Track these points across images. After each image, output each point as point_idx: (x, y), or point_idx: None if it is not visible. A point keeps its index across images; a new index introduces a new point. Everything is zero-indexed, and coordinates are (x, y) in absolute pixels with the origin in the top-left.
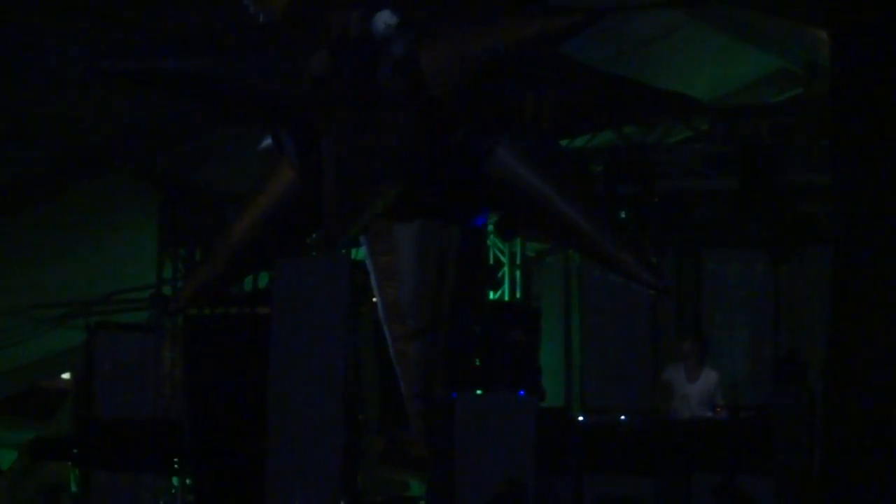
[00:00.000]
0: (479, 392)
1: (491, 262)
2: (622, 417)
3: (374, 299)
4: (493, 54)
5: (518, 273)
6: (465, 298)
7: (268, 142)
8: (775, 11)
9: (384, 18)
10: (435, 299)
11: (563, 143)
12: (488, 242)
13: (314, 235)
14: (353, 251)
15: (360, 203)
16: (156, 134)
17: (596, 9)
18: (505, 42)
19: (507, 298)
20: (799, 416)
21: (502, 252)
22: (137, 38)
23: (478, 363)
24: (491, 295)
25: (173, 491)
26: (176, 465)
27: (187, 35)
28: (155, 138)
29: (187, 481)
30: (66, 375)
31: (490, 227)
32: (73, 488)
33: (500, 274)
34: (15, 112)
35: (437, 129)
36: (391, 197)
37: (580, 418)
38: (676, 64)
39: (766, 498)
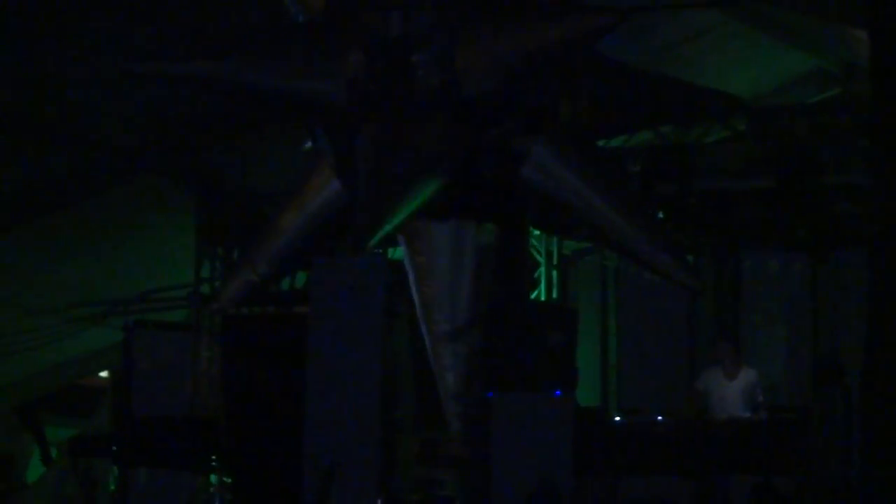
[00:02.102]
0: (515, 392)
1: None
2: (658, 418)
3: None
4: (527, 54)
5: (555, 273)
6: (504, 298)
7: (310, 143)
8: (812, 10)
9: None
10: (472, 299)
11: (601, 143)
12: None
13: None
14: (391, 250)
15: (393, 202)
16: (195, 134)
17: (627, 8)
18: (538, 42)
19: (543, 298)
20: (837, 417)
21: (539, 252)
22: (174, 38)
23: (514, 363)
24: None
25: (211, 489)
26: (213, 463)
27: (224, 35)
28: (194, 138)
29: (225, 479)
30: (104, 374)
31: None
32: (112, 486)
33: (536, 274)
34: (55, 111)
35: (472, 129)
36: (427, 196)
37: (616, 419)
38: (713, 63)
39: (802, 500)
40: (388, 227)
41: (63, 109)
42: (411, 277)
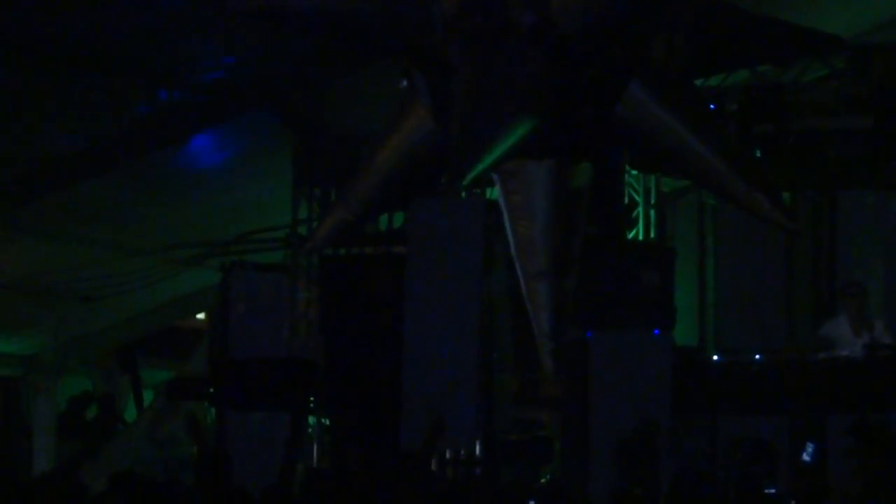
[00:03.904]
0: (613, 332)
1: (626, 201)
2: (756, 357)
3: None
4: None
5: (652, 212)
6: (600, 237)
7: (405, 82)
8: None
9: None
10: (567, 238)
11: (698, 81)
12: (624, 181)
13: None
14: (488, 191)
15: (488, 141)
16: (293, 75)
17: None
18: None
19: (641, 238)
20: None
21: (637, 191)
22: None
23: (612, 303)
24: (626, 235)
25: (309, 430)
26: (311, 405)
27: None
28: (292, 79)
29: (323, 420)
30: (201, 315)
31: (626, 165)
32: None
33: (634, 213)
34: (153, 54)
35: (569, 67)
36: (522, 136)
37: (714, 358)
38: (811, 1)
39: None
40: (483, 167)
41: (161, 50)
42: (506, 217)
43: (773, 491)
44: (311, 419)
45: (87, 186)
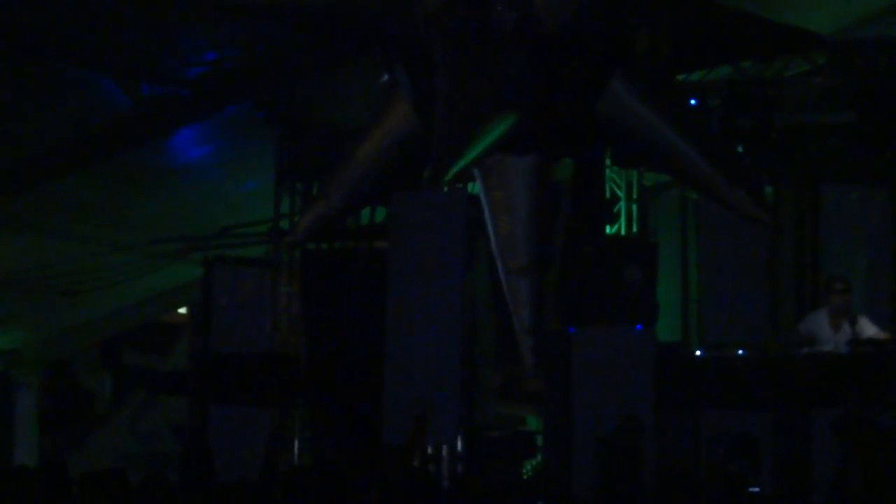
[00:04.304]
0: (595, 327)
1: (608, 196)
2: (740, 352)
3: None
4: None
5: (634, 207)
6: (581, 232)
7: (387, 76)
8: None
9: None
10: (547, 234)
11: (680, 77)
12: (604, 177)
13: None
14: (470, 185)
15: (471, 137)
16: (276, 69)
17: None
18: None
19: (623, 232)
20: None
21: (619, 186)
22: None
23: (594, 298)
24: (608, 229)
25: (290, 425)
26: (293, 399)
27: None
28: (275, 74)
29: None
30: (183, 310)
31: (607, 160)
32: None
33: (616, 208)
34: (137, 48)
35: (550, 64)
36: (504, 132)
37: (697, 353)
38: None
39: (886, 432)
40: (465, 162)
41: (145, 44)
42: (487, 212)
43: (756, 489)
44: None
45: (69, 181)
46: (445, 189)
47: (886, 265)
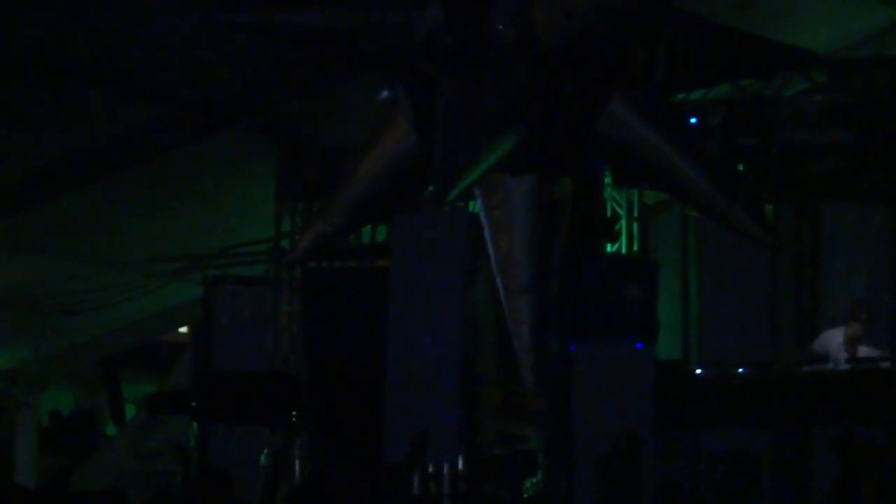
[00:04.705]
0: (596, 345)
1: (608, 214)
2: (740, 370)
3: None
4: (606, 8)
5: (635, 225)
6: (581, 251)
7: (385, 93)
8: None
9: None
10: (548, 252)
11: (680, 95)
12: (605, 195)
13: (431, 189)
14: (471, 204)
15: (473, 156)
16: (276, 88)
17: None
18: None
19: (624, 251)
20: None
21: (619, 204)
22: None
23: (594, 317)
24: (609, 248)
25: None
26: (294, 419)
27: None
28: (276, 92)
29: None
30: (184, 329)
31: (608, 180)
32: (192, 442)
33: (617, 227)
34: (133, 67)
35: (550, 82)
36: (505, 150)
37: (698, 371)
38: (794, 15)
39: (884, 451)
40: (468, 181)
41: (144, 62)
42: (487, 231)
43: None
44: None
45: (68, 200)
46: (447, 208)
47: (886, 283)
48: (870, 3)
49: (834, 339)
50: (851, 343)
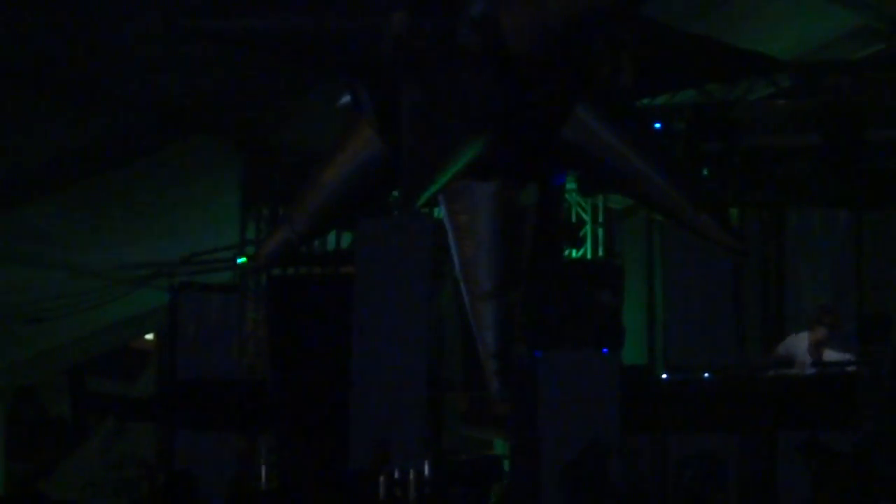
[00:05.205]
0: (561, 351)
1: (573, 219)
2: (706, 375)
3: None
4: (574, 14)
5: (600, 231)
6: (543, 257)
7: (347, 98)
8: None
9: None
10: (512, 258)
11: (645, 101)
12: (570, 200)
13: (395, 194)
14: (436, 210)
15: (439, 161)
16: (240, 95)
17: None
18: (586, 2)
19: (589, 256)
20: (884, 373)
21: (584, 209)
22: None
23: (560, 322)
24: (574, 253)
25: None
26: (259, 425)
27: None
28: (239, 99)
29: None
30: (150, 336)
31: (572, 185)
32: (158, 449)
33: (582, 232)
34: (98, 74)
35: (516, 88)
36: (472, 155)
37: (663, 376)
38: (758, 20)
39: (857, 457)
40: (435, 187)
41: (107, 69)
42: (451, 237)
43: None
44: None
45: (34, 207)
46: (412, 214)
47: (851, 287)
48: (834, 7)
49: (799, 344)
50: (817, 347)
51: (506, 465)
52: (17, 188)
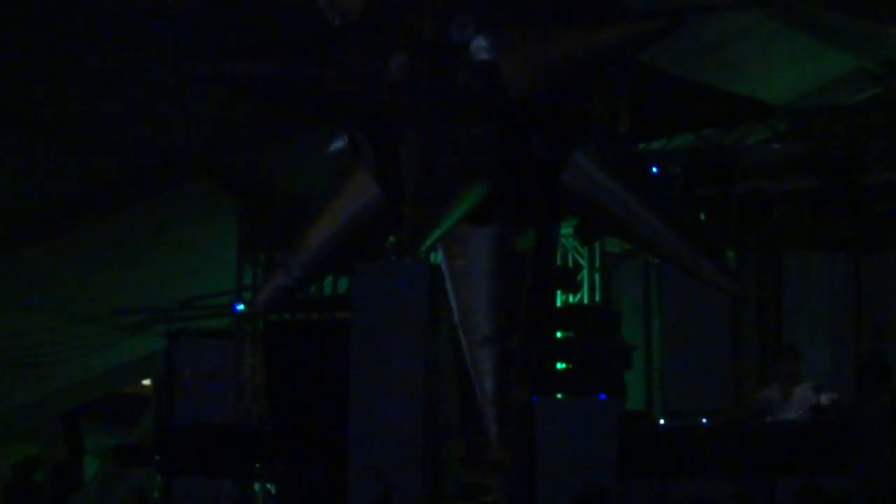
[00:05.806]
0: (559, 396)
1: (570, 264)
2: (703, 420)
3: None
4: (575, 60)
5: (597, 276)
6: (539, 302)
7: (338, 144)
8: (853, 10)
9: None
10: (510, 303)
11: (641, 145)
12: (567, 245)
13: (392, 239)
14: (432, 255)
15: (441, 207)
16: (237, 141)
17: (678, 10)
18: (585, 48)
19: (586, 301)
20: (883, 419)
21: (581, 254)
22: (217, 42)
23: (559, 367)
24: (570, 299)
25: (255, 497)
26: (257, 471)
27: (265, 38)
28: (236, 145)
29: (268, 487)
30: (147, 382)
31: (569, 230)
32: (156, 494)
33: (578, 277)
34: (96, 118)
35: (516, 133)
36: (474, 201)
37: (661, 422)
38: (754, 64)
39: (849, 501)
40: (438, 233)
41: (105, 115)
42: (449, 282)
43: None
44: (257, 486)
45: (31, 252)
46: (408, 259)
47: (849, 332)
48: (829, 51)
49: (771, 392)
50: (788, 383)
51: None
52: (13, 232)
